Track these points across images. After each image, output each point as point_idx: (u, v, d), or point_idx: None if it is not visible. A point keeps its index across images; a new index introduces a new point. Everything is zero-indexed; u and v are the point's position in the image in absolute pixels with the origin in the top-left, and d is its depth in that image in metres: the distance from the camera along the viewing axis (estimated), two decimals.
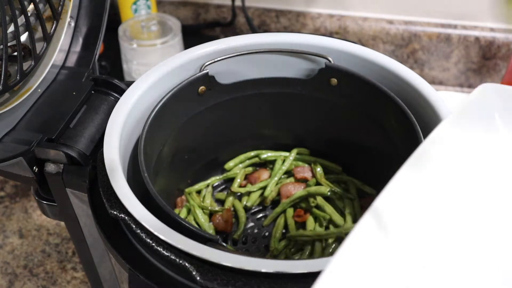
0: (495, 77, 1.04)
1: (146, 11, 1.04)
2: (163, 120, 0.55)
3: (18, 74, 0.52)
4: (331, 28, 1.06)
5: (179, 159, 0.62)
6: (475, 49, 1.01)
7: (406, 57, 1.06)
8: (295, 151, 0.67)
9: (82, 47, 0.62)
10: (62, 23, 0.59)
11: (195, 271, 0.41)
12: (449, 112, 0.51)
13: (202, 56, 0.58)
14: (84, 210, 0.55)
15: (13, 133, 0.53)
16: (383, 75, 0.56)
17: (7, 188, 0.89)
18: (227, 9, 1.11)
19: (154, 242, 0.43)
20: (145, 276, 0.43)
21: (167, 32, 0.97)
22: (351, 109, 0.60)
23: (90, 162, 0.52)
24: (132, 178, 0.52)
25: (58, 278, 0.77)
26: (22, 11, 0.51)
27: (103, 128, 0.52)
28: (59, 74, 0.60)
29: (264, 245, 0.62)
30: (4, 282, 0.77)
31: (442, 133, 0.32)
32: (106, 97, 0.58)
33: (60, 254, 0.80)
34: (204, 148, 0.65)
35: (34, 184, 0.55)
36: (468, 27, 1.01)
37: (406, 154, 0.54)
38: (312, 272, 0.40)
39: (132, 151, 0.54)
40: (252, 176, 0.67)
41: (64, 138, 0.53)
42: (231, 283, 0.41)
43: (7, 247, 0.81)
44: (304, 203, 0.63)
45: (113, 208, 0.46)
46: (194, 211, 0.62)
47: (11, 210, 0.86)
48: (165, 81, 0.56)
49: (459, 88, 1.07)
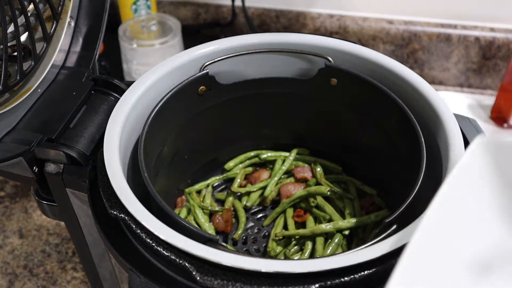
0: (495, 77, 1.04)
1: (146, 11, 1.04)
2: (163, 120, 0.55)
3: (18, 74, 0.52)
4: (331, 28, 1.06)
5: (179, 159, 0.62)
6: (475, 49, 1.01)
7: (406, 57, 1.06)
8: (295, 151, 0.67)
9: (82, 47, 0.62)
10: (62, 23, 0.59)
11: (195, 271, 0.41)
12: (449, 112, 0.51)
13: (202, 56, 0.58)
14: (84, 210, 0.55)
15: (13, 133, 0.53)
16: (383, 75, 0.56)
17: (7, 188, 0.89)
18: (227, 9, 1.11)
19: (154, 242, 0.43)
20: (145, 276, 0.43)
21: (167, 32, 0.97)
22: (351, 109, 0.60)
23: (90, 162, 0.52)
24: (132, 178, 0.52)
25: (58, 278, 0.77)
26: (22, 11, 0.51)
27: (103, 128, 0.52)
28: (59, 74, 0.60)
29: (264, 245, 0.62)
30: (4, 282, 0.77)
31: (446, 198, 0.32)
32: (106, 97, 0.58)
33: (60, 254, 0.80)
34: (204, 148, 0.65)
35: (34, 184, 0.55)
36: (468, 27, 1.01)
37: (406, 154, 0.54)
38: (312, 272, 0.40)
39: (132, 151, 0.54)
40: (252, 176, 0.67)
41: (64, 138, 0.53)
42: (231, 283, 0.41)
43: (7, 247, 0.81)
44: (304, 203, 0.63)
45: (113, 208, 0.46)
46: (194, 211, 0.62)
47: (11, 210, 0.86)
48: (165, 81, 0.56)
49: (459, 88, 1.07)
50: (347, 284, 0.41)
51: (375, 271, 0.41)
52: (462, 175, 0.32)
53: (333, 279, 0.40)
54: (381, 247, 0.41)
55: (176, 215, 0.45)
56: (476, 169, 0.33)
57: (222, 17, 1.12)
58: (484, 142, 0.33)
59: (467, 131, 0.54)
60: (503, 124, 0.95)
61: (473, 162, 0.33)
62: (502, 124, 0.95)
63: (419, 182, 0.46)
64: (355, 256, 0.41)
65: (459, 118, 0.53)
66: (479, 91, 1.06)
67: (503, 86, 0.93)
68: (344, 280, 0.41)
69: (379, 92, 0.55)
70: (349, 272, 0.41)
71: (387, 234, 0.44)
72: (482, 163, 0.33)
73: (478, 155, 0.33)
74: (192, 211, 0.62)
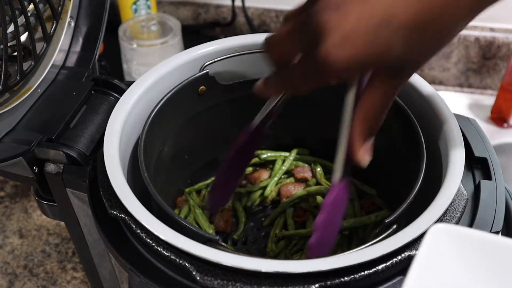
0: (495, 77, 1.04)
1: (146, 11, 1.04)
2: (163, 120, 0.55)
3: (18, 74, 0.52)
4: None
5: (179, 159, 0.62)
6: (475, 49, 1.01)
7: None
8: (295, 151, 0.67)
9: (82, 47, 0.62)
10: (62, 23, 0.59)
11: (195, 271, 0.41)
12: (449, 112, 0.51)
13: (202, 56, 0.57)
14: (84, 210, 0.55)
15: (13, 133, 0.53)
16: None
17: (7, 188, 0.89)
18: (227, 9, 1.11)
19: (154, 242, 0.43)
20: (145, 276, 0.43)
21: (167, 32, 0.97)
22: None
23: (90, 162, 0.52)
24: (132, 178, 0.52)
25: (58, 278, 0.77)
26: (22, 11, 0.51)
27: (103, 128, 0.52)
28: (59, 74, 0.60)
29: (264, 245, 0.62)
30: (4, 282, 0.77)
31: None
32: (106, 97, 0.58)
33: (60, 254, 0.80)
34: (204, 148, 0.65)
35: (34, 184, 0.55)
36: (468, 27, 1.01)
37: (406, 154, 0.54)
38: (312, 272, 0.40)
39: (132, 151, 0.54)
40: (252, 176, 0.67)
41: (64, 138, 0.53)
42: (231, 283, 0.41)
43: (7, 247, 0.81)
44: (304, 203, 0.63)
45: (113, 208, 0.46)
46: (194, 211, 0.62)
47: (11, 210, 0.86)
48: (165, 81, 0.56)
49: (459, 88, 1.07)
50: (347, 284, 0.41)
51: (375, 271, 0.41)
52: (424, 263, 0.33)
53: (333, 279, 0.40)
54: (381, 247, 0.41)
55: (176, 215, 0.45)
56: (436, 256, 0.34)
57: (222, 17, 1.12)
58: (440, 229, 0.34)
59: (467, 131, 0.54)
60: (503, 124, 0.95)
61: (432, 248, 0.34)
62: (502, 124, 0.95)
63: (419, 182, 0.46)
64: (355, 256, 0.41)
65: (459, 118, 0.53)
66: (479, 91, 1.06)
67: (503, 86, 0.93)
68: (344, 280, 0.41)
69: None
70: (349, 272, 0.41)
71: (387, 234, 0.44)
72: (441, 249, 0.34)
73: (437, 241, 0.34)
74: (192, 211, 0.62)
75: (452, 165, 0.47)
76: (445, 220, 0.45)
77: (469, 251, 0.34)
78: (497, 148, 0.86)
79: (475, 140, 0.53)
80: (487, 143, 0.53)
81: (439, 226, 0.33)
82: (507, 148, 0.89)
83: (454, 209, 0.46)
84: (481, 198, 0.48)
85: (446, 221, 0.45)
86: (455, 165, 0.47)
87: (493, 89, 1.05)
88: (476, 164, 0.52)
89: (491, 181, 0.50)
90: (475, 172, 0.51)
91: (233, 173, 0.57)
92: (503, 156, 0.87)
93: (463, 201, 0.47)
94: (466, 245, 0.34)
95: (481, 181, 0.50)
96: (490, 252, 0.34)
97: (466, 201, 0.47)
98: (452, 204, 0.46)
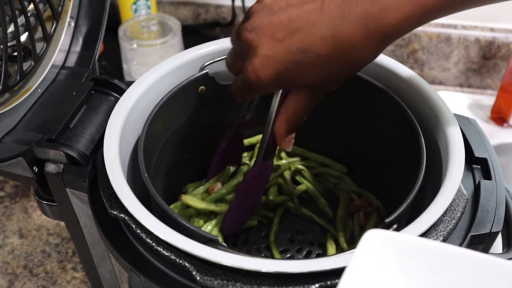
0: (495, 77, 1.04)
1: (146, 11, 1.04)
2: (163, 120, 0.55)
3: (18, 74, 0.52)
4: None
5: (179, 159, 0.62)
6: (475, 49, 1.01)
7: (406, 57, 1.06)
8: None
9: (82, 47, 0.62)
10: (62, 23, 0.59)
11: (195, 271, 0.41)
12: (449, 112, 0.51)
13: (202, 56, 0.58)
14: (84, 210, 0.55)
15: (13, 133, 0.53)
16: (383, 75, 0.56)
17: (7, 188, 0.89)
18: (227, 9, 1.11)
19: (154, 242, 0.43)
20: (145, 276, 0.43)
21: (167, 32, 0.97)
22: (351, 109, 0.60)
23: (90, 162, 0.52)
24: (132, 178, 0.52)
25: (58, 278, 0.77)
26: (22, 11, 0.51)
27: (103, 128, 0.52)
28: (59, 74, 0.60)
29: (264, 245, 0.62)
30: (4, 282, 0.77)
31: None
32: (106, 97, 0.58)
33: (60, 254, 0.80)
34: (204, 148, 0.65)
35: (34, 184, 0.55)
36: (468, 27, 1.01)
37: (406, 154, 0.54)
38: (312, 272, 0.40)
39: (132, 151, 0.54)
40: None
41: (64, 138, 0.53)
42: (231, 283, 0.41)
43: (7, 247, 0.81)
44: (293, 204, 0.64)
45: (113, 208, 0.46)
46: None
47: (11, 210, 0.86)
48: (165, 81, 0.56)
49: (459, 88, 1.07)
50: None
51: None
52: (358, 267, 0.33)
53: (333, 279, 0.40)
54: None
55: (176, 215, 0.45)
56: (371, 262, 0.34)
57: (222, 17, 1.12)
58: (374, 235, 0.34)
59: (467, 131, 0.54)
60: (503, 124, 0.95)
61: (367, 254, 0.34)
62: (502, 124, 0.95)
63: (419, 182, 0.46)
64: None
65: (459, 118, 0.53)
66: (479, 91, 1.06)
67: (503, 86, 0.93)
68: None
69: (379, 92, 0.55)
70: None
71: None
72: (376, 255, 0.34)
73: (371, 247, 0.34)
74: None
75: (452, 165, 0.47)
76: (445, 220, 0.45)
77: (405, 257, 0.34)
78: (497, 148, 0.86)
79: (475, 140, 0.53)
80: (487, 143, 0.53)
81: (372, 232, 0.34)
82: (507, 148, 0.89)
83: (454, 209, 0.46)
84: (481, 198, 0.48)
85: (446, 221, 0.45)
86: (455, 165, 0.47)
87: (493, 89, 1.05)
88: (476, 164, 0.52)
89: (491, 181, 0.50)
90: (475, 172, 0.51)
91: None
92: (503, 156, 0.87)
93: (463, 201, 0.47)
94: (402, 251, 0.34)
95: (481, 181, 0.50)
96: (426, 258, 0.34)
97: (466, 201, 0.47)
98: (452, 204, 0.46)
